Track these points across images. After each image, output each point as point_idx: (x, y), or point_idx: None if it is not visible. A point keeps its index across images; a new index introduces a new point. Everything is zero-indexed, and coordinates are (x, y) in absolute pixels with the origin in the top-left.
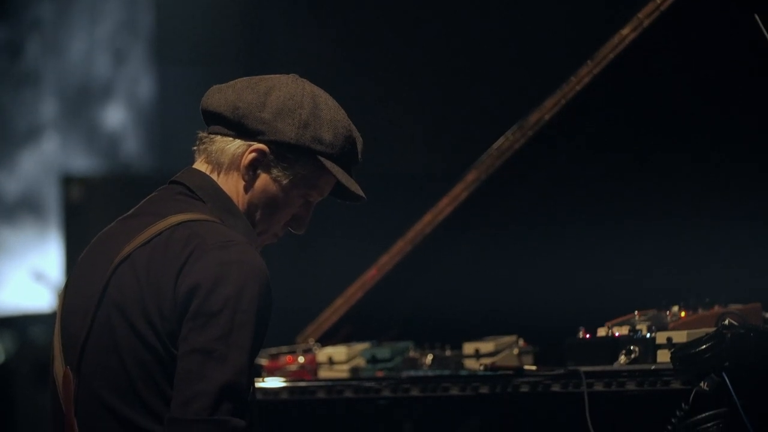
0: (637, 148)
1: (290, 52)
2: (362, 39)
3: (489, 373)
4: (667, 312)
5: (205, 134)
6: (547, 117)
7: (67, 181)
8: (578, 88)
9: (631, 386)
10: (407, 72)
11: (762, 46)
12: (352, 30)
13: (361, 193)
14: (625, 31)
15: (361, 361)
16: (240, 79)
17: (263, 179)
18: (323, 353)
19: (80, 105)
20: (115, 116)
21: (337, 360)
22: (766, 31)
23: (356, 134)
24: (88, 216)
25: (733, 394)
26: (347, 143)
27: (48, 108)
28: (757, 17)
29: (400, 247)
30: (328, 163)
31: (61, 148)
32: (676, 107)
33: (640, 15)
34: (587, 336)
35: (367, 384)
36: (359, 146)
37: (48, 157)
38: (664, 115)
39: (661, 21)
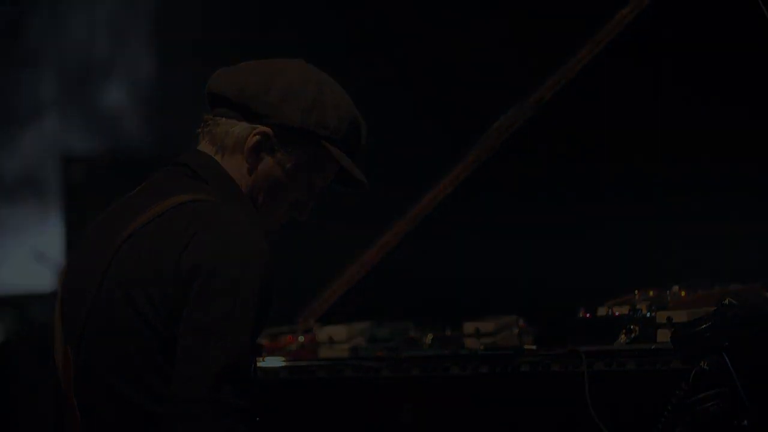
0: (637, 128)
1: (291, 38)
2: (361, 23)
3: (489, 352)
4: (668, 292)
5: (209, 116)
6: (547, 97)
7: (68, 161)
8: (578, 67)
9: (631, 366)
10: (407, 55)
11: (762, 25)
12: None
13: (363, 179)
14: (625, 11)
15: (361, 341)
16: (246, 63)
17: (267, 163)
18: (323, 333)
19: (81, 85)
20: (116, 96)
21: (338, 339)
22: (767, 10)
23: (360, 120)
24: (88, 196)
25: (733, 373)
26: (351, 129)
27: (48, 88)
28: None
29: (401, 228)
30: (332, 148)
31: (62, 128)
32: (677, 86)
33: None
34: (587, 315)
35: (367, 363)
36: (363, 132)
37: (48, 137)
38: (665, 94)
39: (662, 0)
